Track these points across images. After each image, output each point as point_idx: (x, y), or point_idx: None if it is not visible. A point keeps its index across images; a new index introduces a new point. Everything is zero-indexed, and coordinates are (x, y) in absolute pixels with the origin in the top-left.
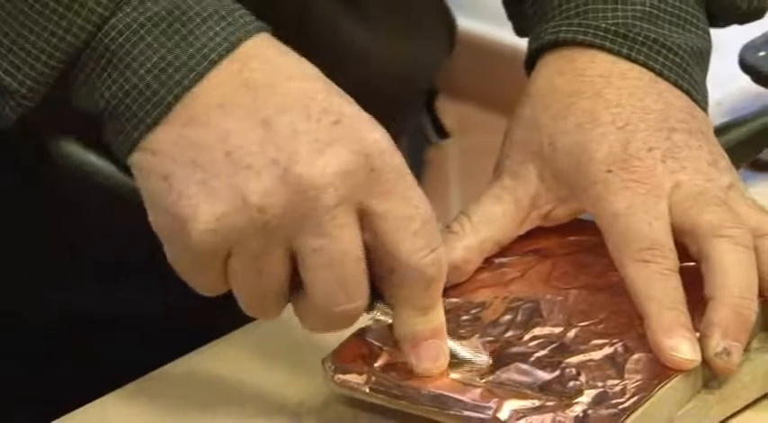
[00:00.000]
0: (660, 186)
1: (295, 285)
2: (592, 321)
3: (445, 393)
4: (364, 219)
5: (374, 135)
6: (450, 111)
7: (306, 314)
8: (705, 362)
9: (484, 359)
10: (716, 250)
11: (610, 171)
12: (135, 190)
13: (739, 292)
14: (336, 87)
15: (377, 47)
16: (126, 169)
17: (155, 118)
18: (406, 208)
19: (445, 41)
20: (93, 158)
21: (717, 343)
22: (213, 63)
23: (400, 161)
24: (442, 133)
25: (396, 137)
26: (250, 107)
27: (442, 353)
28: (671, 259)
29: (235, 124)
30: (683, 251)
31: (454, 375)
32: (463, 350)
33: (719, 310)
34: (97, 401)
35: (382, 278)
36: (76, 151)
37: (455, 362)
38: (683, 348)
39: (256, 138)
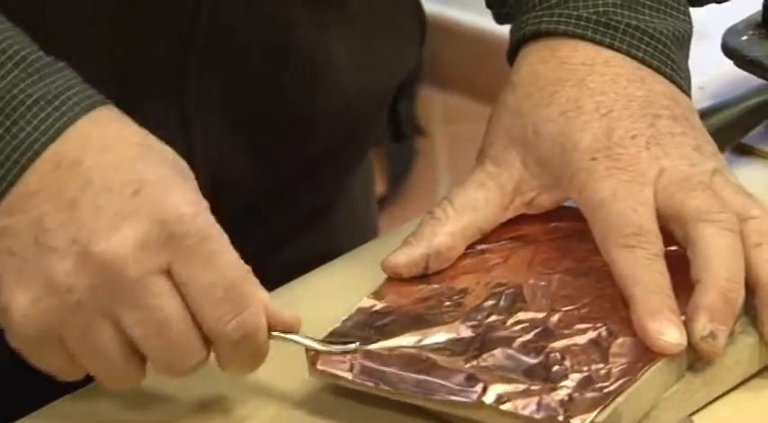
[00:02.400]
0: (644, 173)
1: None
2: (575, 306)
3: (429, 379)
4: (174, 282)
5: (173, 201)
6: (437, 100)
7: (160, 371)
8: (690, 345)
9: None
10: (702, 235)
11: (594, 159)
12: None
13: (726, 276)
14: (155, 149)
15: (352, 57)
16: None
17: None
18: (207, 274)
19: (417, 44)
20: None
21: (703, 326)
22: (37, 153)
23: (203, 224)
24: (398, 136)
25: (373, 138)
26: (58, 189)
27: None
28: (656, 244)
29: (45, 208)
30: (666, 237)
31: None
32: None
33: (707, 293)
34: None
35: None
36: None
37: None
38: (669, 332)
39: (61, 219)
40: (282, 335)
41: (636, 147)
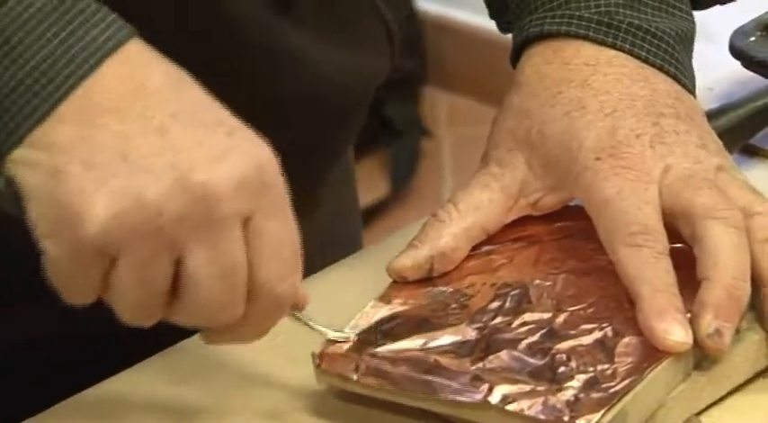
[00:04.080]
0: (649, 172)
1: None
2: (581, 306)
3: (435, 379)
4: (244, 231)
5: (266, 150)
6: (442, 102)
7: (183, 317)
8: (696, 343)
9: (343, 334)
10: (709, 232)
11: (599, 158)
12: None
13: (733, 273)
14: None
15: (312, 53)
16: None
17: (42, 114)
18: (282, 231)
19: (386, 52)
20: None
21: (709, 323)
22: (103, 58)
23: (284, 182)
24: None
25: (344, 147)
26: (144, 113)
27: None
28: (662, 242)
29: (130, 128)
30: (670, 233)
31: (443, 360)
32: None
33: (713, 290)
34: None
35: None
36: None
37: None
38: (675, 331)
39: (153, 143)
40: (297, 315)
41: (641, 145)
